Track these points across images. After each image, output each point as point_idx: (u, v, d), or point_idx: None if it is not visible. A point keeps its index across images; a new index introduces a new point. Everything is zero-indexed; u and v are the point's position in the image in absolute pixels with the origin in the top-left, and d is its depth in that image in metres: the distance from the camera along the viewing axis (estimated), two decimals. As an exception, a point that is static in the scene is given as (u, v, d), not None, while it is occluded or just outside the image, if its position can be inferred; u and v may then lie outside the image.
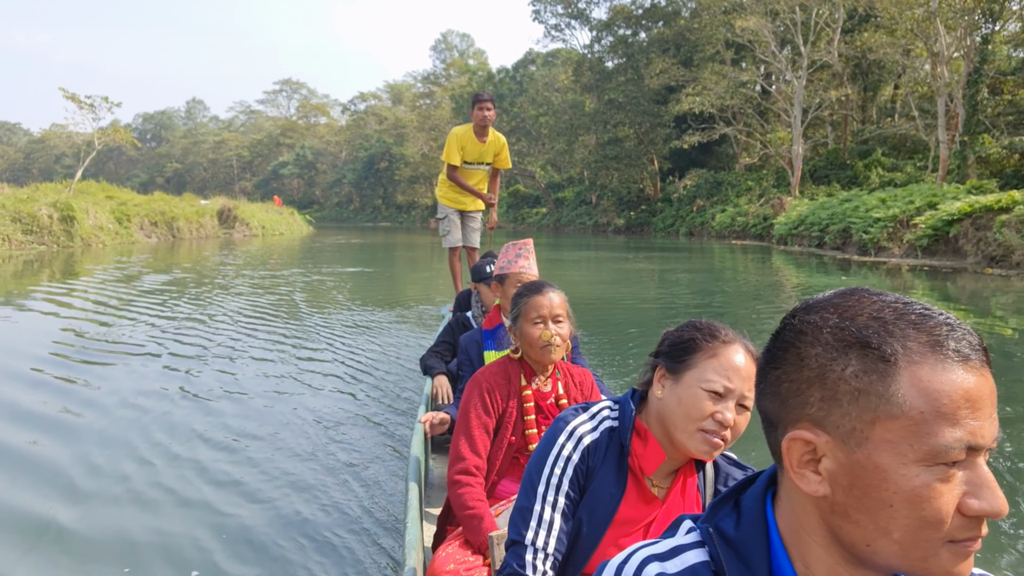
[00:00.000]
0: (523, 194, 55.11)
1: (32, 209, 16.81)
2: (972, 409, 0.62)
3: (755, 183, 31.18)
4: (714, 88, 29.95)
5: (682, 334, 1.36)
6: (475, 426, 2.01)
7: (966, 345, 0.64)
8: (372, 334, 7.38)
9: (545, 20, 47.99)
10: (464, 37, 77.57)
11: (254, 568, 2.63)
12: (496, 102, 6.34)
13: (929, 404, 0.62)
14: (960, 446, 0.62)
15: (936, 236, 14.71)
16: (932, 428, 0.62)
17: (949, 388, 0.62)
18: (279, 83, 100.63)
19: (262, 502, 3.19)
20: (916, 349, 0.64)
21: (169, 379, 5.38)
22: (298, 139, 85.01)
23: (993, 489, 0.63)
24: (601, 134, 40.88)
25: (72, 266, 14.17)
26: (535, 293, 2.08)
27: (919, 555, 0.64)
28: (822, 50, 28.58)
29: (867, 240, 16.74)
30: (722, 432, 1.27)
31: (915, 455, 0.63)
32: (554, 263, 16.85)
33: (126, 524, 2.98)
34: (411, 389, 5.12)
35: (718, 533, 0.75)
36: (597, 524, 1.37)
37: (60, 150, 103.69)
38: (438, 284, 12.10)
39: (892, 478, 0.63)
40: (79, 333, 7.18)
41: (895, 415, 0.63)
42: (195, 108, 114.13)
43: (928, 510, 0.62)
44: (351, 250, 23.29)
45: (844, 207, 19.66)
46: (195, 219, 25.33)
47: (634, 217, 39.50)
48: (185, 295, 10.32)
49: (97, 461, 3.68)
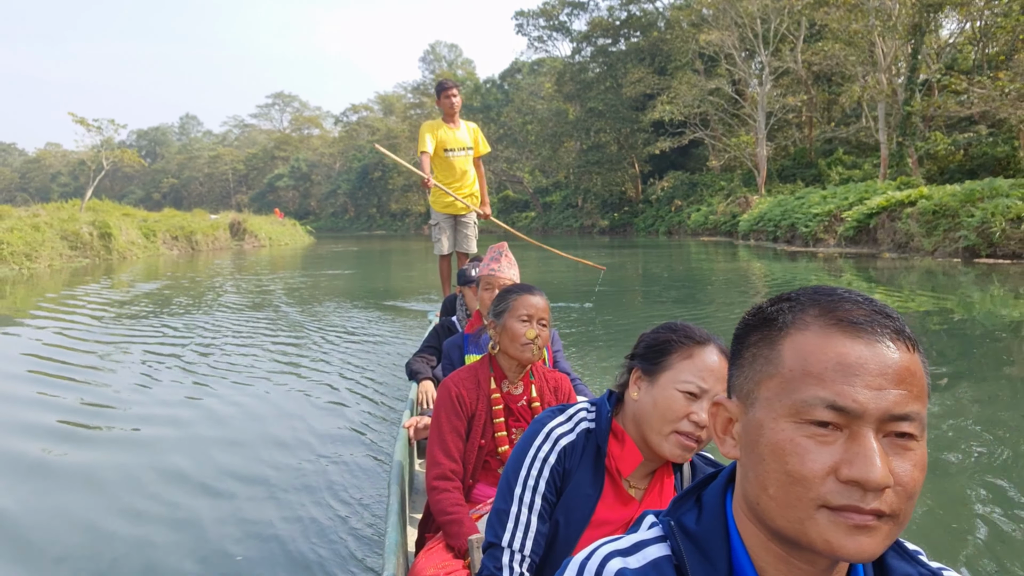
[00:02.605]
0: (512, 199, 57.24)
1: (75, 228, 19.12)
2: (845, 373, 0.64)
3: (727, 183, 33.47)
4: (684, 97, 32.25)
5: (657, 336, 1.38)
6: (447, 431, 2.02)
7: (860, 315, 0.67)
8: (363, 337, 7.68)
9: (528, 33, 50.45)
10: (452, 48, 79.41)
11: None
12: (483, 112, 7.33)
13: (799, 363, 0.67)
14: (821, 404, 0.64)
15: (859, 227, 17.14)
16: (797, 385, 0.66)
17: (820, 350, 0.66)
18: (271, 97, 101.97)
19: (244, 509, 3.19)
20: (806, 319, 0.69)
21: (162, 379, 5.68)
22: (292, 151, 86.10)
23: (867, 458, 0.63)
24: (584, 140, 43.20)
25: (113, 273, 16.38)
26: (526, 292, 2.12)
27: (794, 515, 0.66)
28: (787, 58, 30.91)
29: (807, 233, 19.16)
30: (697, 432, 1.29)
31: (782, 410, 0.67)
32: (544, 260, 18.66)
33: (92, 526, 3.02)
34: (396, 397, 5.14)
35: (679, 527, 0.76)
36: (574, 525, 1.38)
37: (56, 169, 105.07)
38: (429, 287, 12.61)
39: (765, 432, 0.68)
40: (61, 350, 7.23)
41: (772, 374, 0.69)
42: (189, 123, 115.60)
43: (792, 464, 0.65)
44: (349, 257, 25.32)
45: (795, 204, 22.04)
46: (211, 232, 27.67)
47: (617, 218, 41.84)
48: (229, 301, 12.10)
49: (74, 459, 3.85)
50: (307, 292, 12.73)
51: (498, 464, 2.09)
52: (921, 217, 15.01)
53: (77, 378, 5.82)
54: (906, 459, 0.66)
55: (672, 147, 35.22)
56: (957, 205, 14.37)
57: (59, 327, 8.56)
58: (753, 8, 29.63)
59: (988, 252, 13.56)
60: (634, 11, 42.33)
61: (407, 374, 3.56)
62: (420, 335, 5.88)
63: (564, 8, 47.17)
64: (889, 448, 0.65)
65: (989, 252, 13.53)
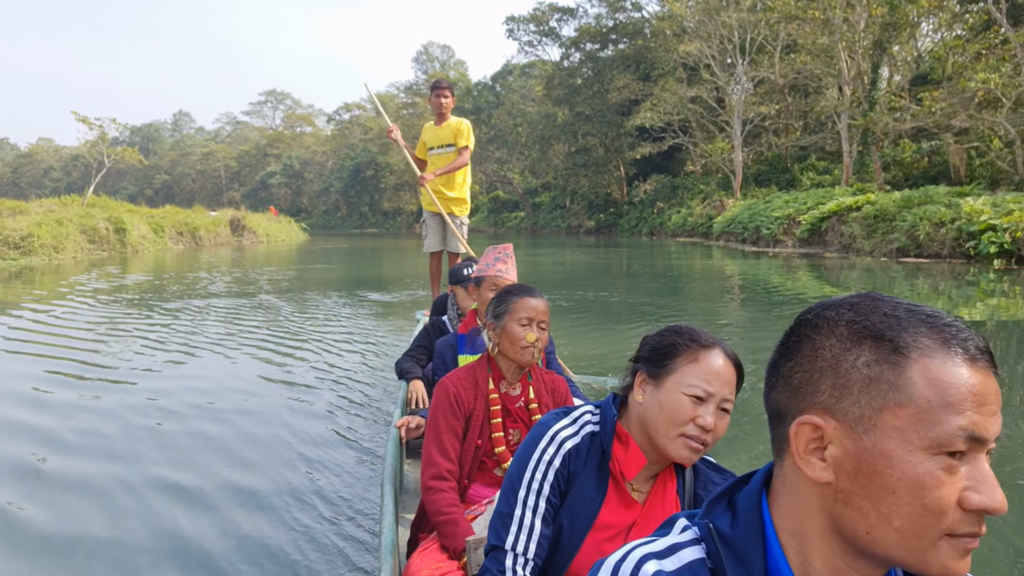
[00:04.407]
0: (503, 199, 58.66)
1: (93, 223, 20.64)
2: (977, 404, 0.64)
3: (705, 186, 35.02)
4: (665, 104, 33.88)
5: (662, 339, 1.38)
6: (444, 431, 2.02)
7: (973, 346, 0.67)
8: (351, 335, 7.74)
9: (519, 38, 51.86)
10: (445, 48, 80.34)
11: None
12: (475, 113, 7.01)
13: (937, 394, 0.65)
14: (964, 435, 0.64)
15: (812, 230, 18.89)
16: (938, 416, 0.64)
17: (957, 381, 0.65)
18: (264, 94, 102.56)
19: (230, 513, 3.14)
20: (927, 344, 0.67)
21: (146, 379, 5.64)
22: (285, 149, 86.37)
23: (993, 485, 0.64)
24: (572, 143, 44.65)
25: (127, 267, 17.80)
26: (527, 294, 2.11)
27: (918, 545, 0.65)
28: (764, 67, 32.51)
29: (768, 235, 20.88)
30: (703, 436, 1.29)
31: (921, 442, 0.64)
32: (532, 257, 20.34)
33: (78, 530, 2.98)
34: (384, 397, 5.10)
35: (716, 530, 0.76)
36: (578, 529, 1.38)
37: (48, 164, 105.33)
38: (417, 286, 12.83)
39: (897, 464, 0.65)
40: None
41: (903, 403, 0.66)
42: (181, 120, 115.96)
43: (930, 498, 0.64)
44: (341, 254, 26.53)
45: (762, 208, 23.73)
46: (213, 229, 29.14)
47: (603, 219, 43.32)
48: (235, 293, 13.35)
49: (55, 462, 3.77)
50: (299, 287, 13.38)
51: (494, 465, 2.10)
52: (864, 221, 16.78)
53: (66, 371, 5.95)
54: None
55: (655, 151, 36.77)
56: (895, 210, 16.10)
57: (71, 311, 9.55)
58: (731, 20, 31.26)
59: (915, 252, 15.29)
60: (620, 19, 43.94)
61: (397, 374, 3.59)
62: (409, 335, 5.88)
63: (554, 14, 48.65)
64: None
65: (916, 252, 15.27)
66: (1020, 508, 3.06)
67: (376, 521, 2.80)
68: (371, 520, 3.01)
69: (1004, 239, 12.87)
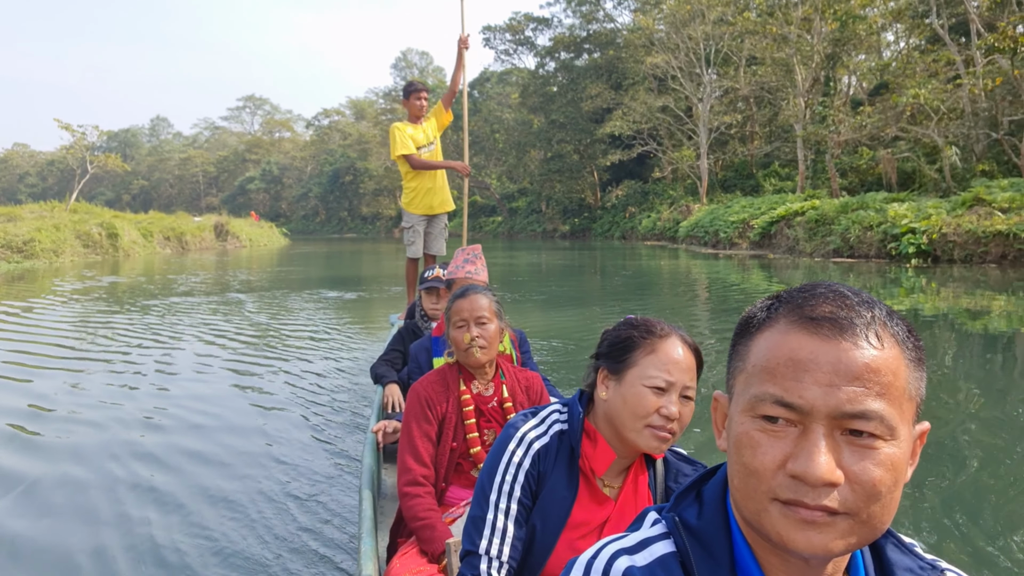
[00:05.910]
0: (480, 204, 59.72)
1: (87, 228, 21.64)
2: (795, 369, 0.66)
3: (674, 192, 36.44)
4: (634, 113, 35.36)
5: (619, 333, 1.40)
6: (417, 436, 2.02)
7: (825, 311, 0.67)
8: (325, 340, 7.69)
9: (495, 46, 53.13)
10: (423, 55, 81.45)
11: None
12: (453, 121, 6.47)
13: (759, 359, 0.69)
14: (771, 399, 0.66)
15: (763, 233, 20.45)
16: (755, 380, 0.69)
17: (776, 348, 0.68)
18: (242, 99, 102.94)
19: (206, 520, 3.11)
20: (777, 316, 0.70)
21: (125, 384, 5.64)
22: (263, 155, 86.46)
23: (808, 454, 0.64)
24: (547, 150, 45.81)
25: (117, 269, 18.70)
26: (457, 298, 2.14)
27: (753, 507, 0.68)
28: (731, 78, 34.10)
29: (725, 238, 22.43)
30: (669, 425, 1.31)
31: (742, 404, 0.69)
32: (509, 260, 21.59)
33: (54, 537, 2.97)
34: (360, 402, 5.09)
35: (682, 522, 0.77)
36: (551, 529, 1.39)
37: (23, 169, 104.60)
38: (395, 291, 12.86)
39: (730, 426, 0.71)
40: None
41: (742, 370, 0.72)
42: (159, 125, 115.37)
43: (746, 456, 0.68)
44: (320, 257, 27.44)
45: (722, 212, 25.27)
46: (198, 233, 30.11)
47: (577, 223, 44.49)
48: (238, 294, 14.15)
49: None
50: (279, 287, 13.80)
51: (471, 466, 2.10)
52: (806, 225, 18.35)
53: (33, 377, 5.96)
54: (866, 458, 0.65)
55: (626, 158, 38.15)
56: (834, 215, 17.65)
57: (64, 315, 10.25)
58: (697, 34, 32.86)
59: (848, 253, 16.82)
60: (594, 29, 45.39)
61: (372, 378, 3.56)
62: (383, 339, 5.75)
63: (529, 24, 50.00)
64: (847, 446, 0.65)
65: (848, 253, 16.80)
66: (947, 490, 3.31)
67: (356, 526, 2.81)
68: (351, 525, 3.01)
69: (922, 241, 14.40)
